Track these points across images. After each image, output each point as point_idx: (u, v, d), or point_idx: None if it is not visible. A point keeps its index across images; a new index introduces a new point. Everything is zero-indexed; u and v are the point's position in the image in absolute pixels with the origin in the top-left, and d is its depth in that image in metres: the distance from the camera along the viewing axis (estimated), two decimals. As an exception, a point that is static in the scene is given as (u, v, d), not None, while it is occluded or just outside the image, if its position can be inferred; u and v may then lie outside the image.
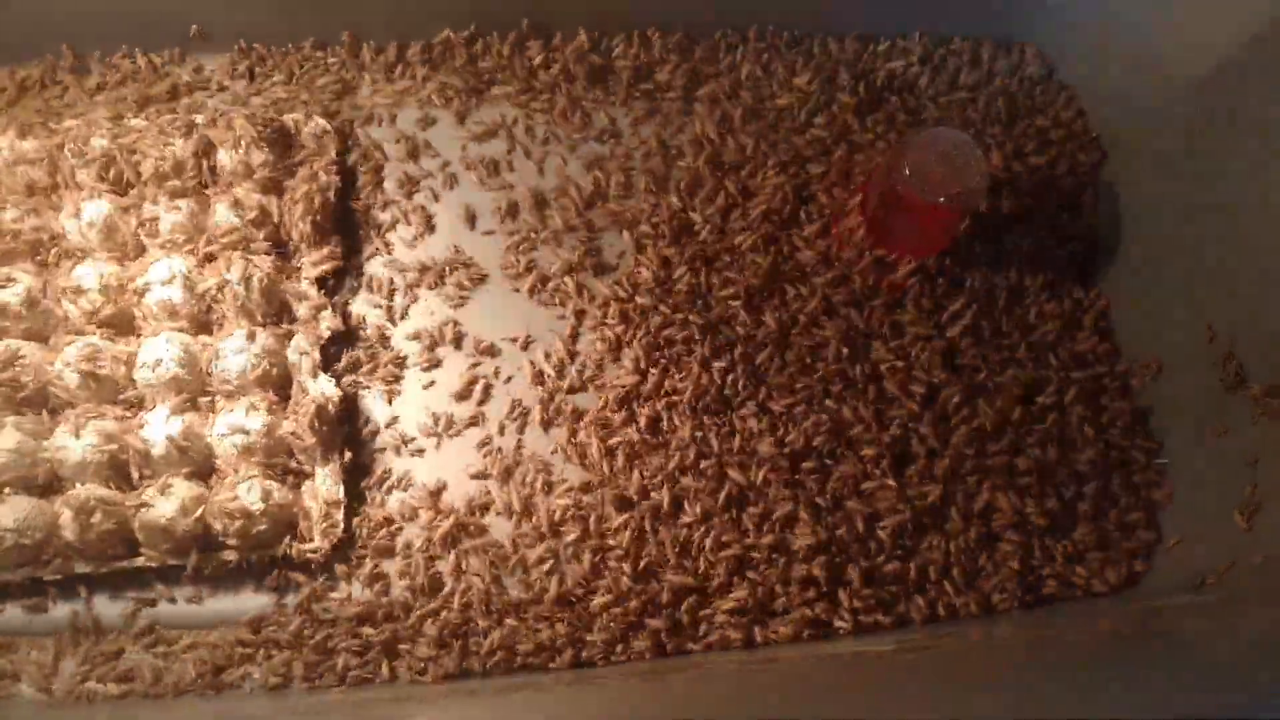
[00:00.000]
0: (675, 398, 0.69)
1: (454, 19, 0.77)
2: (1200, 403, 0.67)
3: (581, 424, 0.69)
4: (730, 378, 0.69)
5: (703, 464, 0.67)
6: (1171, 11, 0.70)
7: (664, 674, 0.63)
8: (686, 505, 0.66)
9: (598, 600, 0.64)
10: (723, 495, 0.66)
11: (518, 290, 0.73)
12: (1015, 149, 0.76)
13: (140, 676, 0.63)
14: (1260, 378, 0.63)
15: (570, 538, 0.66)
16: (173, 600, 0.65)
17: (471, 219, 0.74)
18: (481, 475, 0.68)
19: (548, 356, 0.71)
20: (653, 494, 0.67)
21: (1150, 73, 0.72)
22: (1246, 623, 0.57)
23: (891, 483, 0.67)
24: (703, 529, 0.66)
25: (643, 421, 0.68)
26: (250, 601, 0.65)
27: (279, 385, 0.67)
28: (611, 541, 0.66)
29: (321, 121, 0.74)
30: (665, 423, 0.68)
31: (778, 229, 0.73)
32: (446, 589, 0.66)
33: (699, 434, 0.68)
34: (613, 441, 0.68)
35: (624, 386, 0.69)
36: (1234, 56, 0.66)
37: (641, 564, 0.65)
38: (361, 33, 0.78)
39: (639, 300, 0.71)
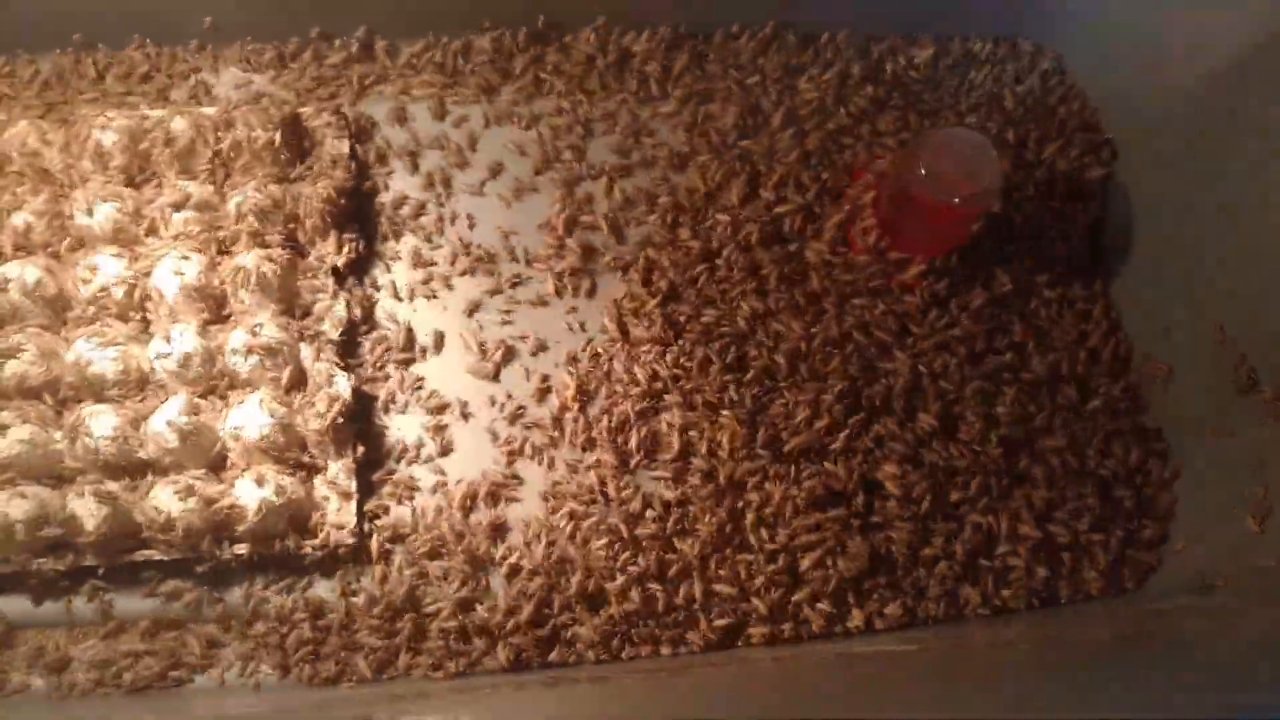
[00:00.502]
0: (692, 398, 0.69)
1: (471, 16, 0.78)
2: (1206, 405, 0.68)
3: (597, 423, 0.69)
4: (747, 377, 0.69)
5: (716, 465, 0.67)
6: (1175, 14, 0.71)
7: (666, 673, 0.63)
8: (699, 505, 0.67)
9: (609, 593, 0.65)
10: (734, 497, 0.67)
11: (535, 288, 0.73)
12: (1026, 149, 0.76)
13: (148, 669, 0.64)
14: (1262, 380, 0.64)
15: (583, 537, 0.66)
16: (182, 593, 0.66)
17: (487, 216, 0.74)
18: (495, 472, 0.69)
19: (565, 355, 0.71)
20: (668, 494, 0.67)
21: (1154, 74, 0.73)
22: (1247, 623, 0.58)
23: (900, 481, 0.67)
24: (716, 529, 0.66)
25: (660, 421, 0.69)
26: (261, 595, 0.65)
27: (292, 379, 0.68)
28: (624, 540, 0.66)
29: (336, 115, 0.74)
30: (683, 422, 0.68)
31: (792, 228, 0.73)
32: (457, 585, 0.66)
33: (714, 433, 0.68)
34: (629, 441, 0.68)
35: (640, 385, 0.69)
36: (1235, 58, 0.67)
37: (654, 564, 0.65)
38: (378, 28, 0.78)
39: (655, 297, 0.71)
